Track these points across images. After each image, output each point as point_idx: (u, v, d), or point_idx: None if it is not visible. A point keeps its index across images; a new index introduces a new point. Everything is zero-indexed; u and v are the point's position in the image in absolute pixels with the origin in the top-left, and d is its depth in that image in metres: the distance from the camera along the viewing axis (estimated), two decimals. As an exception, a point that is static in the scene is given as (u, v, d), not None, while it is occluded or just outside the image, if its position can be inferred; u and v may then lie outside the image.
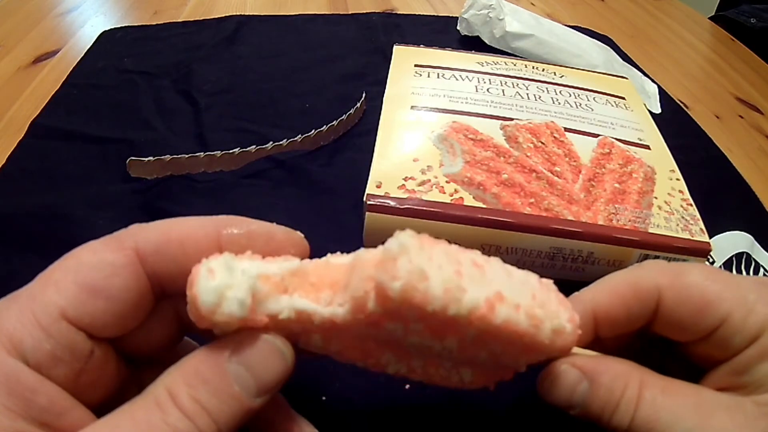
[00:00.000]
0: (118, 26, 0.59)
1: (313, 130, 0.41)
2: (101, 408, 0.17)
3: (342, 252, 0.19)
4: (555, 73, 0.44)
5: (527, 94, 0.40)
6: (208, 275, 0.16)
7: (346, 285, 0.17)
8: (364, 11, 0.66)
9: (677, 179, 0.34)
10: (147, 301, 0.18)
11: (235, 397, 0.16)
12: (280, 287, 0.17)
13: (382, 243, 0.16)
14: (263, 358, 0.17)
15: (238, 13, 0.62)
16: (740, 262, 0.36)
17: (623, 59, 0.59)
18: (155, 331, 0.19)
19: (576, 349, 0.20)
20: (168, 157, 0.37)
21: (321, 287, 0.17)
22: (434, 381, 0.20)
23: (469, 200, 0.30)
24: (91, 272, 0.16)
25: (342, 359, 0.19)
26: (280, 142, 0.39)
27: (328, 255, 0.19)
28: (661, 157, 0.36)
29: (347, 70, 0.53)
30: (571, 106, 0.39)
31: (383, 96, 0.38)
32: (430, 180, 0.31)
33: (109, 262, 0.17)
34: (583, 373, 0.19)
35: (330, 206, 0.37)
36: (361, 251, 0.17)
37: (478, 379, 0.20)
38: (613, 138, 0.36)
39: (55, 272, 0.17)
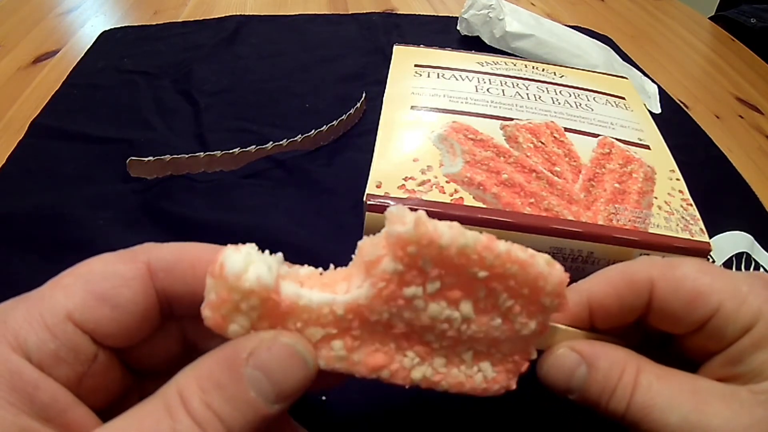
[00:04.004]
0: (118, 26, 0.59)
1: (313, 130, 0.41)
2: (103, 414, 0.17)
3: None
4: (555, 73, 0.44)
5: (527, 94, 0.40)
6: (234, 249, 0.16)
7: (358, 268, 0.18)
8: (364, 11, 0.66)
9: (677, 179, 0.34)
10: (153, 316, 0.18)
11: (250, 404, 0.15)
12: (297, 281, 0.18)
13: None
14: (283, 362, 0.16)
15: (238, 13, 0.62)
16: (740, 262, 0.36)
17: (623, 59, 0.59)
18: (160, 348, 0.19)
19: (575, 331, 0.21)
20: (168, 157, 0.37)
21: (334, 285, 0.18)
22: (461, 389, 0.20)
23: (469, 200, 0.30)
24: (100, 280, 0.17)
25: (366, 370, 0.18)
26: (280, 142, 0.39)
27: (332, 267, 0.19)
28: (661, 157, 0.36)
29: (347, 70, 0.53)
30: (571, 106, 0.39)
31: (383, 96, 0.38)
32: (430, 180, 0.31)
33: (120, 273, 0.17)
34: (581, 357, 0.20)
35: (330, 206, 0.37)
36: (360, 243, 0.18)
37: (499, 374, 0.20)
38: (613, 138, 0.36)
39: (65, 278, 0.17)
